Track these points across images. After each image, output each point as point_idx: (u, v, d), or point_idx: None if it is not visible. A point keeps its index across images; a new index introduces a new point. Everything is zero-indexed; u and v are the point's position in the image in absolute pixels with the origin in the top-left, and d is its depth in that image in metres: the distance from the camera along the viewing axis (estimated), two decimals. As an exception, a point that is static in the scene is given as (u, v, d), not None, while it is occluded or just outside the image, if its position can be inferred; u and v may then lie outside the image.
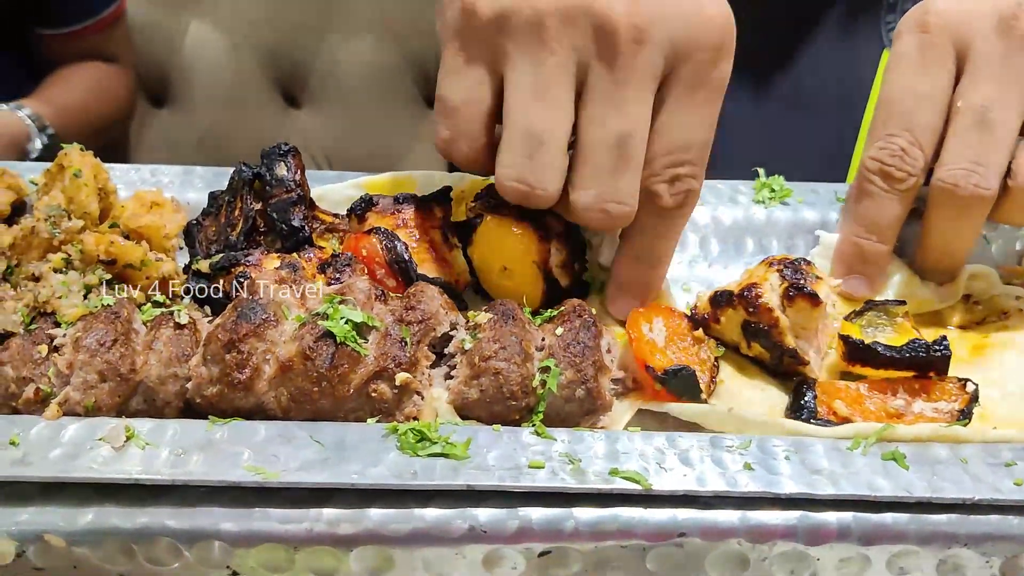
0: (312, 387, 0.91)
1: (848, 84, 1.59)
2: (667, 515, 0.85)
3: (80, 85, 2.38)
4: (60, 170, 1.13)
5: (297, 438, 0.88)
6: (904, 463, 0.89)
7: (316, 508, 0.84)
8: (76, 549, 0.84)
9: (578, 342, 0.94)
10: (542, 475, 0.86)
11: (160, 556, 0.84)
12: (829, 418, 0.98)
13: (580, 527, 0.84)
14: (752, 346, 1.05)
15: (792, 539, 0.85)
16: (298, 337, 0.93)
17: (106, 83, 2.45)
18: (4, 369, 0.92)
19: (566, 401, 0.94)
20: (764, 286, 1.04)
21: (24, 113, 2.18)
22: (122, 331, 0.93)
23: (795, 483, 0.86)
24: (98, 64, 2.44)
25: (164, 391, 0.93)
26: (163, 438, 0.87)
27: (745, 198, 1.25)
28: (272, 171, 1.09)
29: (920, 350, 1.00)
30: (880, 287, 1.15)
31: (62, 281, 0.99)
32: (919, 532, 0.85)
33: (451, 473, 0.85)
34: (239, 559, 0.84)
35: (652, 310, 1.05)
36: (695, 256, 1.22)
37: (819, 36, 1.56)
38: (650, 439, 0.90)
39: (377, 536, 0.84)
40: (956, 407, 0.98)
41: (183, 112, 2.77)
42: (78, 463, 0.85)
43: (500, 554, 0.85)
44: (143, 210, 1.12)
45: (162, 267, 1.05)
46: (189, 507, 0.84)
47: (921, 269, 1.15)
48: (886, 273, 1.15)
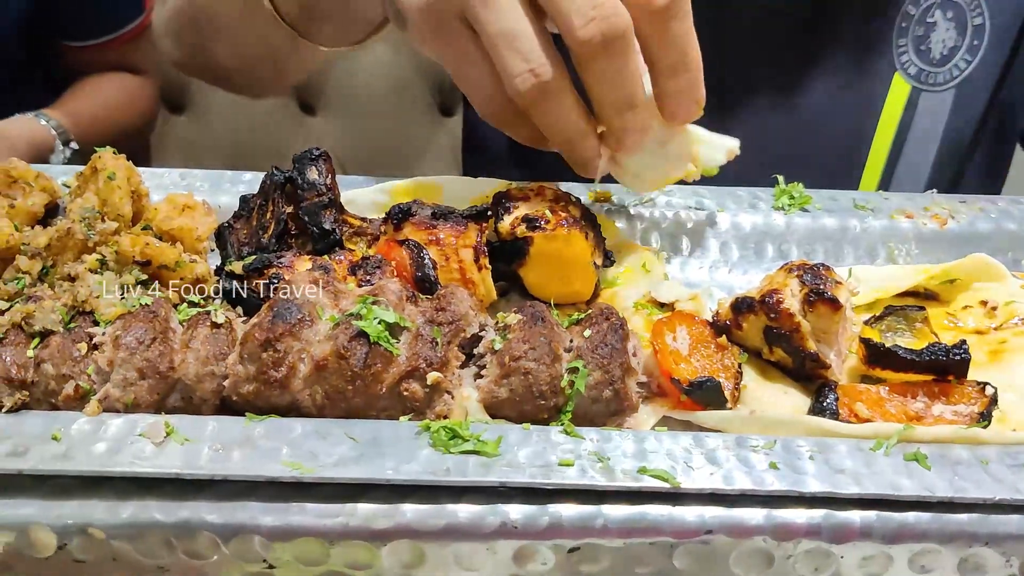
0: (346, 385, 0.93)
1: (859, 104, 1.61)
2: (695, 513, 0.87)
3: (104, 96, 2.39)
4: (93, 173, 1.15)
5: (332, 435, 0.90)
6: (926, 463, 0.90)
7: (351, 503, 0.86)
8: (115, 542, 0.86)
9: (606, 344, 0.96)
10: (572, 473, 0.88)
11: (199, 550, 0.86)
12: (850, 420, 1.00)
13: (609, 524, 0.86)
14: (774, 351, 1.07)
15: (816, 537, 0.87)
16: (332, 336, 0.95)
17: (129, 94, 2.46)
18: (45, 366, 0.94)
19: (593, 402, 0.96)
20: (785, 292, 1.06)
21: (49, 124, 2.20)
22: (160, 329, 0.96)
23: (820, 482, 0.88)
24: (123, 75, 2.45)
25: (201, 388, 0.95)
26: (202, 434, 0.89)
27: (765, 204, 1.27)
28: (304, 175, 1.11)
29: (940, 353, 1.01)
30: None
31: (98, 281, 1.02)
32: (941, 531, 0.87)
33: (483, 470, 0.87)
34: (276, 553, 0.86)
35: (675, 318, 1.07)
36: (716, 261, 1.24)
37: (830, 58, 1.58)
38: (677, 439, 0.92)
39: (411, 531, 0.86)
40: (975, 410, 0.99)
41: (201, 118, 2.79)
42: (119, 458, 0.87)
43: (531, 550, 0.87)
44: (175, 212, 1.15)
45: (195, 268, 1.07)
46: (228, 501, 0.86)
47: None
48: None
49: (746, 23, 1.57)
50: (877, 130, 1.60)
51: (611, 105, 1.07)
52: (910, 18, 1.55)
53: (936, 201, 1.29)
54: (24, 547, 0.85)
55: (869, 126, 1.62)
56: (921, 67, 1.57)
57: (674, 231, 1.25)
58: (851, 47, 1.57)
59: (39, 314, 0.97)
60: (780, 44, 1.58)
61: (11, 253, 1.07)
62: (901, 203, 1.28)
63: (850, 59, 1.58)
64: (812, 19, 1.56)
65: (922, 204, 1.28)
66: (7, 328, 0.96)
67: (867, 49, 1.57)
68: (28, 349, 0.95)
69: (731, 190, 1.29)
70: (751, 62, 1.59)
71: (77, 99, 2.35)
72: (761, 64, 1.59)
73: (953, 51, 1.56)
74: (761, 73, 1.60)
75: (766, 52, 1.58)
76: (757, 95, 1.61)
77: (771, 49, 1.58)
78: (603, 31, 1.00)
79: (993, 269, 1.19)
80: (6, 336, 0.96)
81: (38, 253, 1.07)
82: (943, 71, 1.58)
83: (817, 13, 1.55)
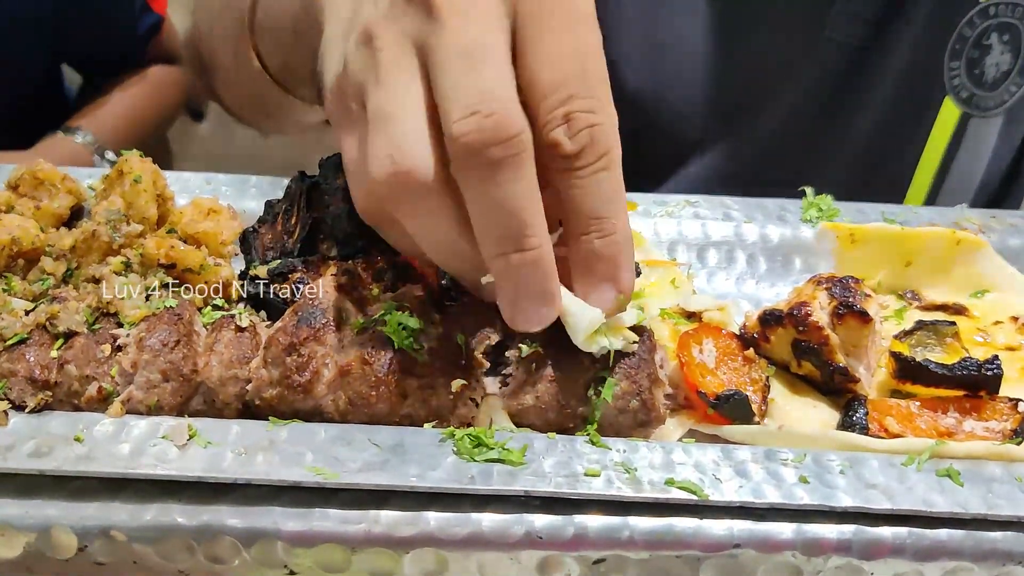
0: (370, 391, 0.92)
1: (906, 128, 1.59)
2: (723, 526, 0.85)
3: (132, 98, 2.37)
4: (119, 175, 1.15)
5: (356, 440, 0.89)
6: (959, 480, 0.89)
7: (375, 510, 0.85)
8: (137, 545, 0.85)
9: (633, 354, 0.95)
10: (598, 483, 0.86)
11: (220, 554, 0.85)
12: (880, 435, 0.98)
13: (636, 536, 0.85)
14: (802, 364, 1.05)
15: (847, 553, 0.85)
16: (357, 342, 0.94)
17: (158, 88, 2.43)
18: (68, 368, 0.94)
19: (620, 412, 0.95)
20: (813, 304, 1.05)
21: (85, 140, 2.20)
22: (184, 332, 0.95)
23: (851, 497, 0.86)
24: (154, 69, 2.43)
25: (224, 392, 0.94)
26: (226, 437, 0.89)
27: (793, 216, 1.26)
28: (330, 180, 1.10)
29: (972, 368, 1.00)
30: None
31: (123, 283, 1.01)
32: (975, 549, 0.85)
33: (508, 479, 0.86)
34: (298, 558, 0.85)
35: (701, 331, 1.06)
36: (742, 273, 1.22)
37: (880, 84, 1.57)
38: (705, 451, 0.91)
39: (434, 539, 0.85)
40: (1008, 427, 0.98)
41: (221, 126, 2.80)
42: (142, 460, 0.86)
43: (556, 560, 0.85)
44: (200, 216, 1.14)
45: (220, 272, 1.07)
46: (251, 506, 0.85)
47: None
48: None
49: (800, 48, 1.55)
50: (923, 154, 1.59)
51: (484, 235, 0.85)
52: (964, 41, 1.52)
53: (967, 216, 1.27)
54: (45, 548, 0.85)
55: (915, 150, 1.60)
56: (973, 91, 1.55)
57: (702, 243, 1.24)
58: (904, 71, 1.55)
59: (63, 315, 0.96)
60: (835, 71, 1.56)
61: (36, 254, 1.07)
62: (931, 217, 1.27)
63: (901, 83, 1.56)
64: (870, 48, 1.54)
65: (952, 219, 1.27)
66: (31, 328, 0.96)
67: (919, 73, 1.55)
68: (52, 350, 0.95)
69: (759, 202, 1.28)
70: (802, 84, 1.58)
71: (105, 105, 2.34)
72: (816, 88, 1.58)
73: (1005, 75, 1.54)
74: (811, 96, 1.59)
75: (818, 77, 1.57)
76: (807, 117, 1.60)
77: (824, 75, 1.57)
78: (483, 128, 0.80)
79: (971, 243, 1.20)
80: (30, 336, 0.95)
81: (63, 255, 1.07)
82: (994, 95, 1.55)
83: (876, 41, 1.54)
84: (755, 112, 1.61)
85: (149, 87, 2.42)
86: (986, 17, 1.50)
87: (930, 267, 1.21)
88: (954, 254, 1.20)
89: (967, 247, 1.20)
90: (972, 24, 1.52)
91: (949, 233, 1.20)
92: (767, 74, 1.58)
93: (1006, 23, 1.52)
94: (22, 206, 1.14)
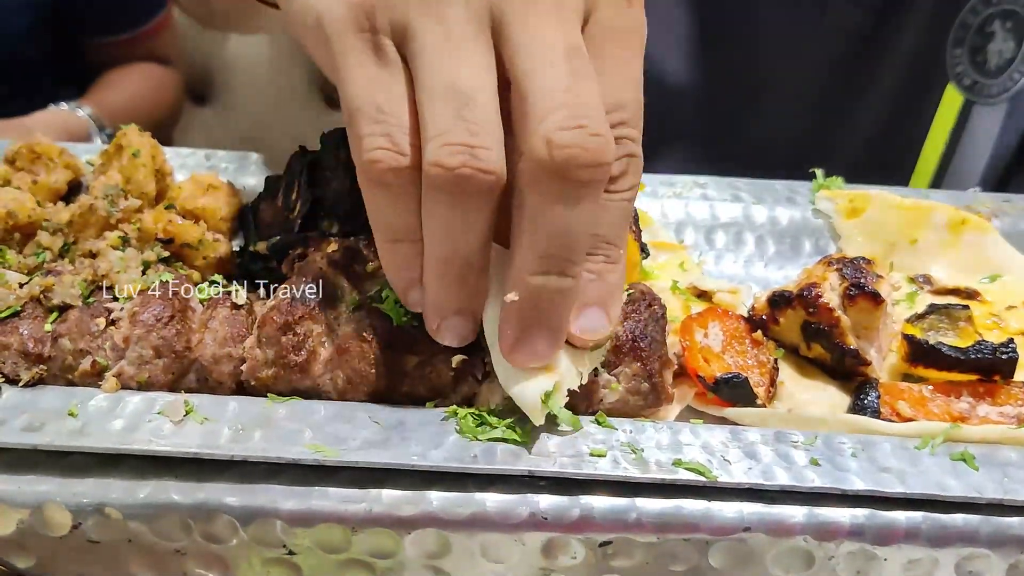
0: (369, 369, 0.90)
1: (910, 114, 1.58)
2: (732, 509, 0.83)
3: (132, 87, 2.39)
4: (118, 150, 1.13)
5: (357, 418, 0.87)
6: (974, 464, 0.87)
7: (375, 489, 0.83)
8: (132, 523, 0.83)
9: (646, 335, 0.92)
10: (604, 464, 0.84)
11: (217, 533, 0.83)
12: (892, 419, 0.96)
13: (643, 518, 0.83)
14: (812, 347, 1.03)
15: (859, 538, 0.83)
16: (354, 319, 0.92)
17: (157, 84, 2.46)
18: (62, 341, 0.91)
19: (629, 393, 0.92)
20: (824, 286, 1.02)
21: (85, 113, 2.20)
22: (179, 308, 0.93)
23: (863, 480, 0.84)
24: (150, 65, 2.45)
25: (217, 371, 0.92)
26: (223, 414, 0.86)
27: (803, 198, 1.23)
28: (330, 156, 1.08)
29: (986, 352, 0.98)
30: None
31: (120, 257, 0.99)
32: (991, 535, 0.83)
33: (512, 458, 0.84)
34: (296, 538, 0.83)
35: (707, 315, 1.04)
36: (751, 255, 1.20)
37: (886, 70, 1.56)
38: (713, 432, 0.89)
39: (437, 519, 0.82)
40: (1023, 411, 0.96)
41: (225, 110, 2.79)
42: (137, 435, 0.84)
43: (561, 542, 0.83)
44: (200, 192, 1.12)
45: (219, 248, 1.05)
46: (248, 484, 0.83)
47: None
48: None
49: (802, 34, 1.54)
50: (927, 141, 1.57)
51: (531, 249, 0.79)
52: (967, 28, 1.51)
53: (980, 199, 1.25)
54: (38, 525, 0.83)
55: (919, 136, 1.58)
56: (976, 78, 1.53)
57: (710, 224, 1.21)
58: (906, 58, 1.54)
59: (58, 288, 0.94)
60: (837, 57, 1.55)
61: (33, 228, 1.05)
62: (944, 200, 1.24)
63: (904, 69, 1.55)
64: (872, 35, 1.53)
65: (965, 202, 1.24)
66: (25, 301, 0.94)
67: (922, 60, 1.54)
68: (46, 323, 0.92)
69: (768, 183, 1.25)
70: (805, 71, 1.56)
71: (106, 90, 2.35)
72: (817, 74, 1.57)
73: (1009, 62, 1.53)
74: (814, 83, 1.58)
75: (821, 63, 1.56)
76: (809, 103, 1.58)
77: (827, 61, 1.56)
78: (587, 147, 0.74)
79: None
80: (24, 309, 0.93)
81: (59, 229, 1.05)
82: (997, 83, 1.54)
83: (878, 28, 1.53)
84: (758, 98, 1.59)
85: (147, 81, 2.44)
86: (989, 4, 1.49)
87: (938, 246, 1.18)
88: (960, 233, 1.18)
89: (973, 228, 1.18)
90: (975, 11, 1.50)
91: (953, 210, 1.18)
92: (769, 60, 1.56)
93: (1009, 10, 1.50)
94: (19, 180, 1.12)
